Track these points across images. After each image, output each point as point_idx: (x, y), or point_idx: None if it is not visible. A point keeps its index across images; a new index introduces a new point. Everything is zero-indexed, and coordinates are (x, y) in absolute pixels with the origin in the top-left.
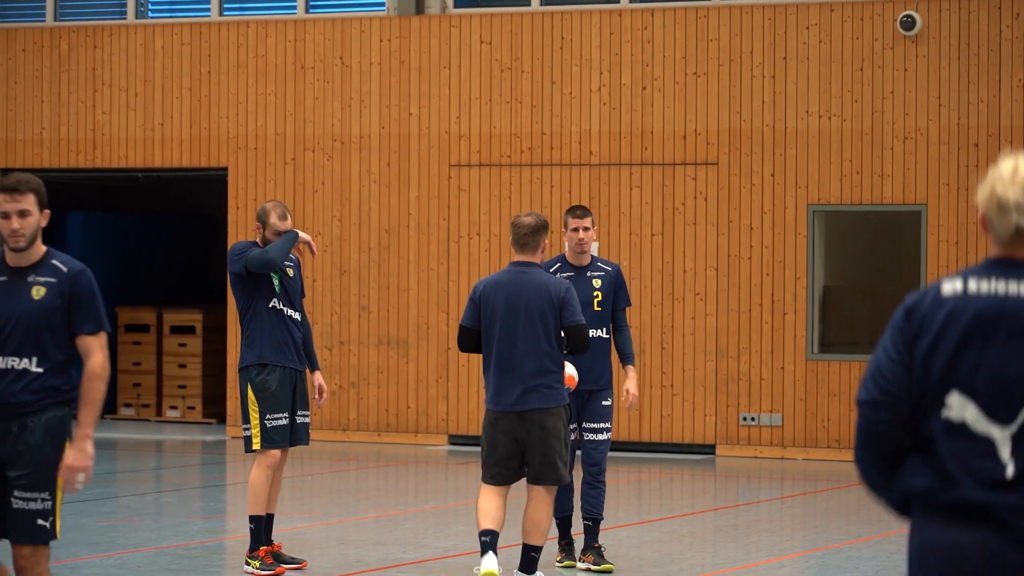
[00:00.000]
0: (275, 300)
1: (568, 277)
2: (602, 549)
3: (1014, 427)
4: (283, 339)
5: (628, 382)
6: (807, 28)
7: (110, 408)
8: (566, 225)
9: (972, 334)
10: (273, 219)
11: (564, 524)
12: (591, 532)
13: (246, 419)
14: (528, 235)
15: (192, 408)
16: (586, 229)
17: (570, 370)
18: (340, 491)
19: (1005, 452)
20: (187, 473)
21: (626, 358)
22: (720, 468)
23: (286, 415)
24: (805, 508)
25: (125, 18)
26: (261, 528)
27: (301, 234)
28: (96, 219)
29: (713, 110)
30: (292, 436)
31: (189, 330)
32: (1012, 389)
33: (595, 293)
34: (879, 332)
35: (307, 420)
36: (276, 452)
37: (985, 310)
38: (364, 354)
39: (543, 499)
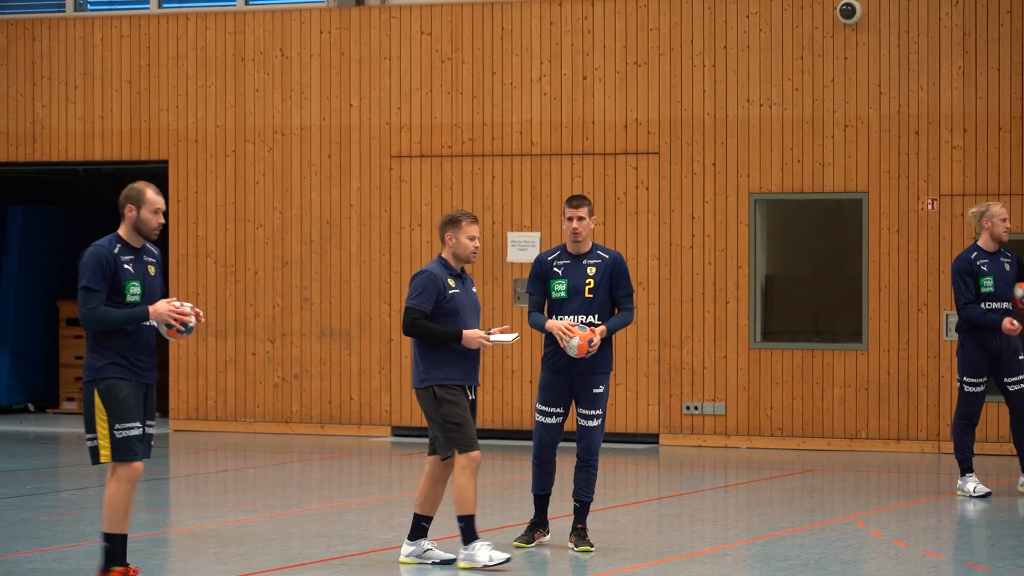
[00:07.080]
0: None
1: (565, 264)
2: (584, 531)
3: None
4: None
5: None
6: (747, 17)
7: (52, 403)
8: (564, 214)
9: None
10: (150, 194)
11: (539, 504)
12: (578, 513)
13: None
14: None
15: None
16: (580, 219)
17: (584, 332)
18: (283, 483)
19: None
20: None
21: (606, 322)
22: (664, 457)
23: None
24: (749, 496)
25: (64, 11)
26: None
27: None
28: (36, 212)
29: (654, 99)
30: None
31: None
32: None
33: (587, 280)
34: (822, 320)
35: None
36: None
37: None
38: (306, 346)
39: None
